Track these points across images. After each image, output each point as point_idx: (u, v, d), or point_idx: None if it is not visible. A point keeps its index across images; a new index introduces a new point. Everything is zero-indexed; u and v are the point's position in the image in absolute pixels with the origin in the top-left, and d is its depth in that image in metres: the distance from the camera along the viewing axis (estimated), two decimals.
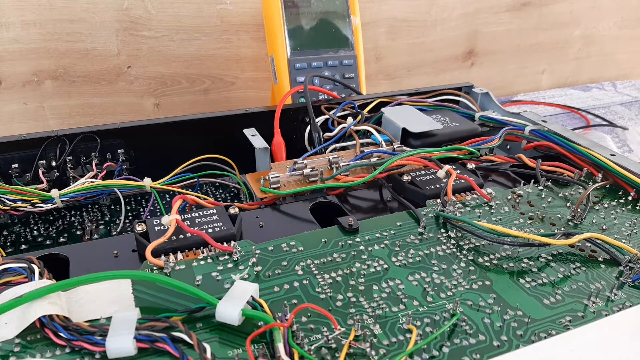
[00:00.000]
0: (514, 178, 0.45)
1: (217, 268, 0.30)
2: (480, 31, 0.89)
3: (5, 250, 0.37)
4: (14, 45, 0.60)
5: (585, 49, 1.02)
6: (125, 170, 0.44)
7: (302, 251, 0.32)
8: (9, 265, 0.28)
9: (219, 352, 0.24)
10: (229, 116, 0.49)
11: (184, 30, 0.67)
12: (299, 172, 0.41)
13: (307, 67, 0.58)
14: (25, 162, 0.42)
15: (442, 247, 0.33)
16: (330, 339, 0.25)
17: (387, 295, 0.29)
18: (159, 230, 0.33)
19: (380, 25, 0.79)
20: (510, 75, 0.97)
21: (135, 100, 0.69)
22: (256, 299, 0.26)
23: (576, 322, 0.27)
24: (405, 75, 0.86)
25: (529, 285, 0.30)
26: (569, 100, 0.91)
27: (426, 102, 0.55)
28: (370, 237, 0.34)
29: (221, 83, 0.73)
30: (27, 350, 0.24)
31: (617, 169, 0.40)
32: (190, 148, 0.45)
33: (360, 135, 0.48)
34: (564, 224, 0.36)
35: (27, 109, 0.65)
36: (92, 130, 0.44)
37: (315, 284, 0.29)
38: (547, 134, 0.46)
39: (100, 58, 0.65)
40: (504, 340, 0.26)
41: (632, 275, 0.30)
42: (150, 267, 0.30)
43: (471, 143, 0.47)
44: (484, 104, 0.58)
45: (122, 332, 0.24)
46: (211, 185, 0.46)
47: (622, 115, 0.84)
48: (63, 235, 0.39)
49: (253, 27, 0.70)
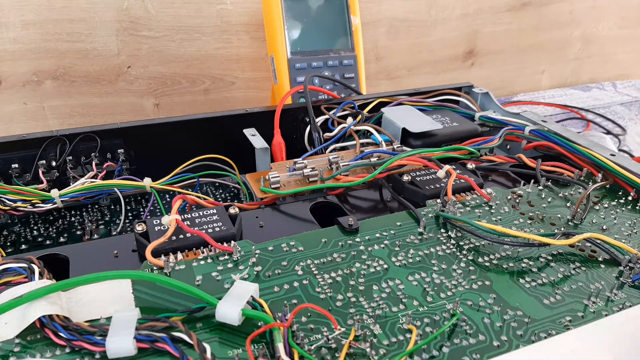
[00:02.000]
0: (514, 178, 0.45)
1: (217, 268, 0.30)
2: (480, 31, 0.89)
3: (5, 250, 0.37)
4: (14, 45, 0.60)
5: (585, 49, 1.02)
6: (125, 170, 0.44)
7: (302, 251, 0.32)
8: (9, 265, 0.28)
9: (219, 352, 0.24)
10: (229, 116, 0.49)
11: (184, 30, 0.67)
12: (299, 172, 0.41)
13: (307, 67, 0.58)
14: (25, 162, 0.42)
15: (442, 247, 0.33)
16: (330, 339, 0.25)
17: (387, 295, 0.29)
18: (159, 230, 0.33)
19: (380, 25, 0.79)
20: (510, 75, 0.97)
21: (135, 100, 0.69)
22: (256, 299, 0.26)
23: (576, 322, 0.27)
24: (405, 75, 0.86)
25: (529, 285, 0.30)
26: (569, 100, 0.91)
27: (426, 102, 0.55)
28: (370, 237, 0.34)
29: (221, 83, 0.73)
30: (27, 350, 0.24)
31: (617, 169, 0.40)
32: (190, 148, 0.45)
33: (360, 135, 0.48)
34: (564, 224, 0.36)
35: (27, 109, 0.65)
36: (92, 130, 0.44)
37: (315, 284, 0.29)
38: (547, 134, 0.46)
39: (100, 58, 0.65)
40: (504, 340, 0.26)
41: (632, 275, 0.30)
42: (150, 267, 0.30)
43: (471, 143, 0.47)
44: (484, 104, 0.58)
45: (122, 332, 0.24)
46: (211, 185, 0.46)
47: (622, 115, 0.84)
48: (63, 235, 0.39)
49: (253, 27, 0.70)
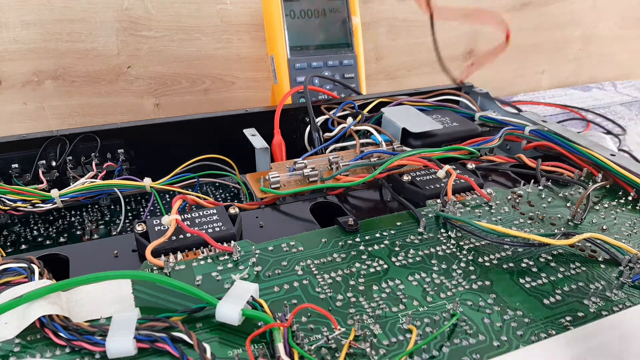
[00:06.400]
0: (514, 178, 0.45)
1: (217, 268, 0.30)
2: (480, 31, 0.89)
3: (5, 250, 0.37)
4: (14, 45, 0.60)
5: (585, 49, 1.02)
6: (125, 170, 0.44)
7: (302, 251, 0.32)
8: (9, 265, 0.28)
9: (219, 352, 0.24)
10: (229, 116, 0.49)
11: (184, 30, 0.67)
12: (299, 172, 0.41)
13: (307, 67, 0.58)
14: (25, 162, 0.42)
15: (442, 247, 0.33)
16: (330, 339, 0.25)
17: (387, 295, 0.29)
18: (159, 230, 0.33)
19: (380, 25, 0.79)
20: (510, 75, 0.97)
21: (135, 100, 0.69)
22: (256, 299, 0.26)
23: (576, 322, 0.27)
24: (405, 75, 0.86)
25: (529, 285, 0.30)
26: (569, 100, 0.91)
27: (426, 102, 0.55)
28: (370, 237, 0.34)
29: (221, 83, 0.73)
30: (27, 350, 0.24)
31: (617, 169, 0.40)
32: (190, 148, 0.45)
33: (360, 135, 0.48)
34: (564, 224, 0.36)
35: (27, 109, 0.65)
36: (92, 130, 0.44)
37: (315, 284, 0.29)
38: (547, 134, 0.46)
39: (100, 58, 0.65)
40: (504, 340, 0.26)
41: (632, 275, 0.30)
42: (150, 267, 0.30)
43: (471, 143, 0.47)
44: (484, 104, 0.58)
45: (122, 332, 0.24)
46: (211, 185, 0.46)
47: (622, 115, 0.84)
48: (63, 235, 0.39)
49: (253, 27, 0.70)
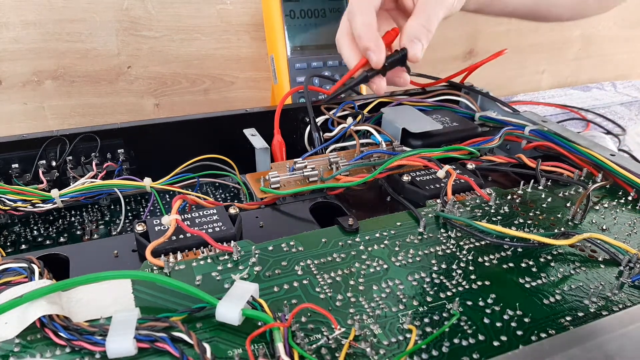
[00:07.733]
0: (514, 178, 0.45)
1: (217, 268, 0.30)
2: (480, 31, 0.89)
3: (5, 250, 0.37)
4: (14, 45, 0.60)
5: (585, 49, 1.02)
6: (125, 170, 0.44)
7: (302, 251, 0.32)
8: (9, 265, 0.28)
9: (219, 352, 0.24)
10: (229, 116, 0.49)
11: (184, 30, 0.67)
12: (299, 172, 0.41)
13: (307, 67, 0.58)
14: (25, 162, 0.42)
15: (442, 247, 0.33)
16: (330, 339, 0.25)
17: (387, 295, 0.29)
18: (159, 230, 0.33)
19: None
20: (510, 75, 0.97)
21: (135, 100, 0.69)
22: (256, 299, 0.26)
23: (576, 322, 0.27)
24: None
25: (529, 285, 0.30)
26: (569, 100, 0.91)
27: (426, 102, 0.55)
28: (370, 237, 0.34)
29: (221, 83, 0.73)
30: (27, 350, 0.24)
31: (617, 169, 0.40)
32: (190, 148, 0.45)
33: (360, 136, 0.48)
34: (564, 224, 0.36)
35: (27, 109, 0.65)
36: (92, 130, 0.44)
37: (315, 284, 0.29)
38: (547, 134, 0.46)
39: (100, 58, 0.65)
40: (504, 340, 0.26)
41: (631, 275, 0.30)
42: (150, 267, 0.30)
43: (471, 143, 0.47)
44: (484, 104, 0.58)
45: (122, 332, 0.24)
46: (211, 185, 0.46)
47: (622, 115, 0.84)
48: (63, 235, 0.39)
49: (253, 27, 0.70)
